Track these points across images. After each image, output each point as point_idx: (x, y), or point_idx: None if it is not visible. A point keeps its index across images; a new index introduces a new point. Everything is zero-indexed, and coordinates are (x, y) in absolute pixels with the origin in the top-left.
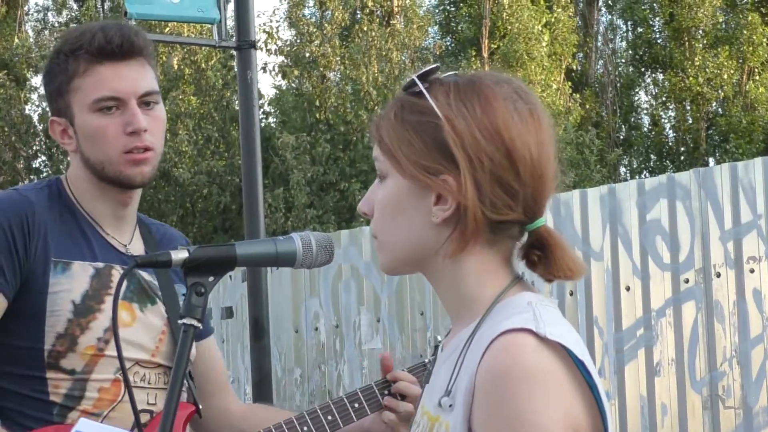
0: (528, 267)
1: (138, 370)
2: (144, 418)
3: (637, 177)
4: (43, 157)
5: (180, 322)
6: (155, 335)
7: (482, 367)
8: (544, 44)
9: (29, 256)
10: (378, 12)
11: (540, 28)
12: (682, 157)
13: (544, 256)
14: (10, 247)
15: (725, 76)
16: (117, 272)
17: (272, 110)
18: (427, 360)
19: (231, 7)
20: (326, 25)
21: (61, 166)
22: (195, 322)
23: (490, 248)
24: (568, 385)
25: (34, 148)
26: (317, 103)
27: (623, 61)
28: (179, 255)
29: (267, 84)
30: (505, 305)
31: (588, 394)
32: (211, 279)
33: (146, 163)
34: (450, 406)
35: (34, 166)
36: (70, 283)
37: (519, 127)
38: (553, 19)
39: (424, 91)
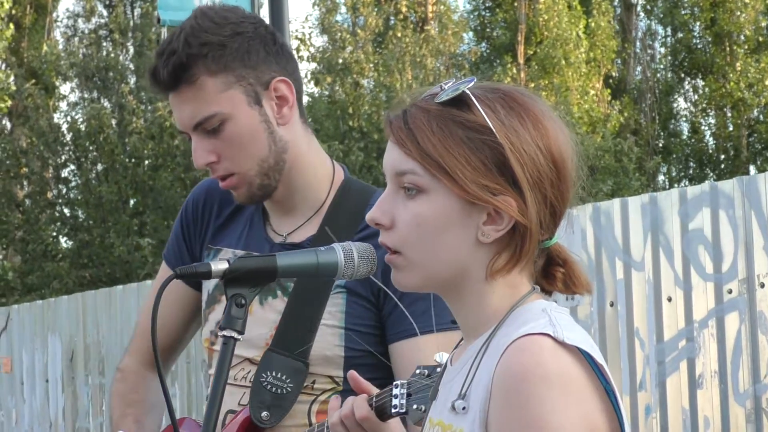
0: (546, 283)
1: (245, 366)
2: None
3: (676, 185)
4: (72, 166)
5: (219, 334)
6: (267, 331)
7: (499, 369)
8: (582, 50)
9: (193, 240)
10: (412, 18)
11: (579, 34)
12: (723, 165)
13: (566, 272)
14: (180, 230)
15: (767, 82)
16: None
17: None
18: (401, 383)
19: (264, 12)
20: (359, 31)
21: (90, 176)
22: (235, 334)
23: (520, 267)
24: (587, 389)
25: (63, 157)
26: (350, 111)
27: (662, 66)
28: (219, 266)
29: None
30: (519, 313)
31: (605, 400)
32: (252, 290)
33: (233, 188)
34: (464, 408)
35: (63, 175)
36: None
37: (566, 147)
38: (592, 24)
39: (479, 108)
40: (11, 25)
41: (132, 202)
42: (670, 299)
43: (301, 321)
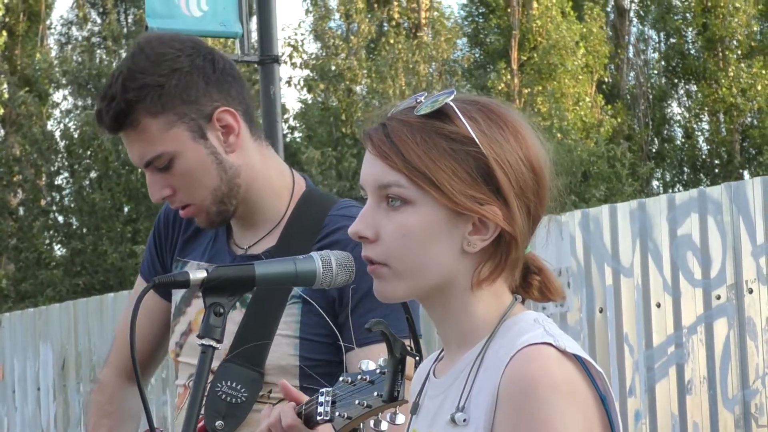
0: (522, 291)
1: (210, 377)
2: None
3: (670, 190)
4: (66, 174)
5: (198, 343)
6: (227, 343)
7: (506, 379)
8: (579, 56)
9: (164, 253)
10: (405, 24)
11: (576, 41)
12: (716, 170)
13: (541, 280)
14: (153, 244)
15: (759, 87)
16: None
17: (298, 125)
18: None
19: (254, 20)
20: (352, 37)
21: (83, 183)
22: (213, 343)
23: (504, 276)
24: (590, 397)
25: (56, 164)
26: (343, 117)
27: (655, 72)
28: (197, 275)
29: (292, 98)
30: (511, 324)
31: (601, 408)
32: (230, 299)
33: (194, 216)
34: (464, 420)
35: (56, 182)
36: None
37: (543, 156)
38: (584, 30)
39: (463, 119)
40: (4, 33)
41: (126, 209)
42: (659, 305)
43: (258, 331)
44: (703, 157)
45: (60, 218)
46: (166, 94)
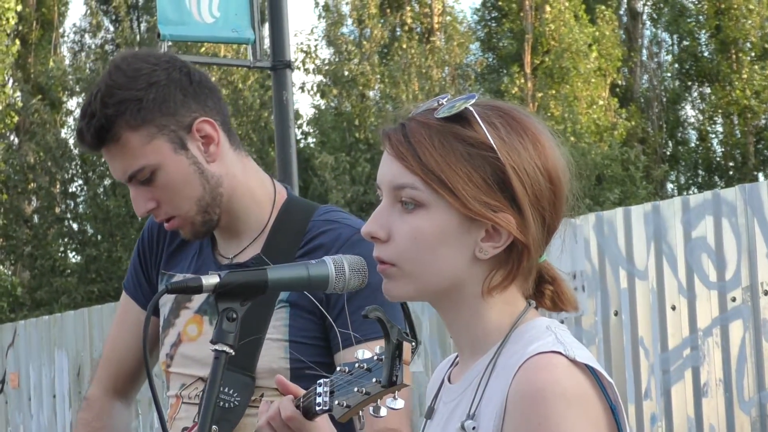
0: (535, 300)
1: (198, 385)
2: None
3: (684, 193)
4: (80, 182)
5: (211, 349)
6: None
7: (515, 387)
8: (592, 59)
9: (149, 267)
10: (418, 29)
11: (588, 44)
12: (731, 172)
13: (554, 290)
14: (137, 259)
15: None
16: None
17: (311, 130)
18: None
19: (267, 26)
20: (365, 42)
21: (98, 190)
22: (227, 348)
23: (516, 284)
24: (599, 407)
25: (71, 172)
26: (356, 123)
27: (669, 75)
28: (210, 280)
29: (305, 104)
30: (523, 330)
31: (610, 418)
32: (242, 304)
33: (179, 228)
34: (474, 429)
35: (70, 190)
36: (167, 296)
37: (561, 165)
38: (597, 34)
39: (481, 125)
40: (17, 41)
41: (139, 216)
42: (674, 308)
43: (248, 337)
44: (718, 159)
45: (75, 225)
46: (145, 108)
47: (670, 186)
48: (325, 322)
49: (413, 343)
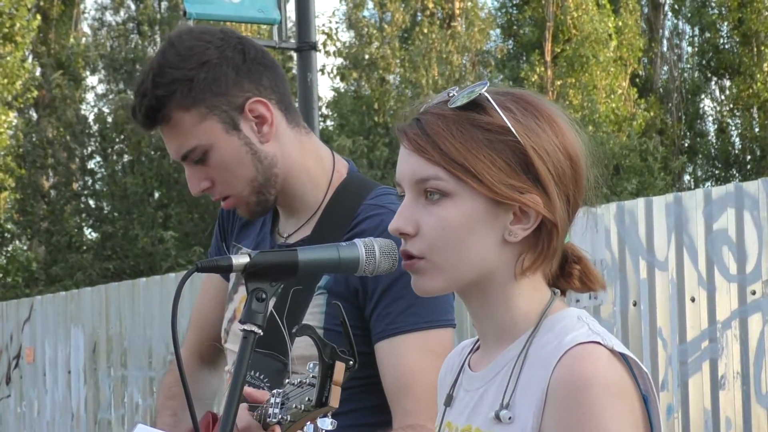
0: (563, 281)
1: None
2: None
3: (702, 185)
4: (98, 158)
5: (240, 329)
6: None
7: (557, 377)
8: (611, 48)
9: (227, 238)
10: (439, 14)
11: (609, 33)
12: (749, 166)
13: (582, 269)
14: (218, 230)
15: None
16: None
17: (330, 113)
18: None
19: (290, 7)
20: (386, 26)
21: (116, 167)
22: (255, 329)
23: (547, 266)
24: (636, 398)
25: (89, 148)
26: (376, 106)
27: (689, 66)
28: (240, 260)
29: (325, 86)
30: (554, 321)
31: (643, 407)
32: (272, 285)
33: (235, 206)
34: (510, 418)
35: (89, 167)
36: None
37: (579, 145)
38: (620, 23)
39: (498, 109)
40: (38, 16)
41: (157, 194)
42: (693, 299)
43: (288, 322)
44: (736, 152)
45: (91, 202)
46: (196, 88)
47: (686, 178)
48: (364, 311)
49: (350, 362)
